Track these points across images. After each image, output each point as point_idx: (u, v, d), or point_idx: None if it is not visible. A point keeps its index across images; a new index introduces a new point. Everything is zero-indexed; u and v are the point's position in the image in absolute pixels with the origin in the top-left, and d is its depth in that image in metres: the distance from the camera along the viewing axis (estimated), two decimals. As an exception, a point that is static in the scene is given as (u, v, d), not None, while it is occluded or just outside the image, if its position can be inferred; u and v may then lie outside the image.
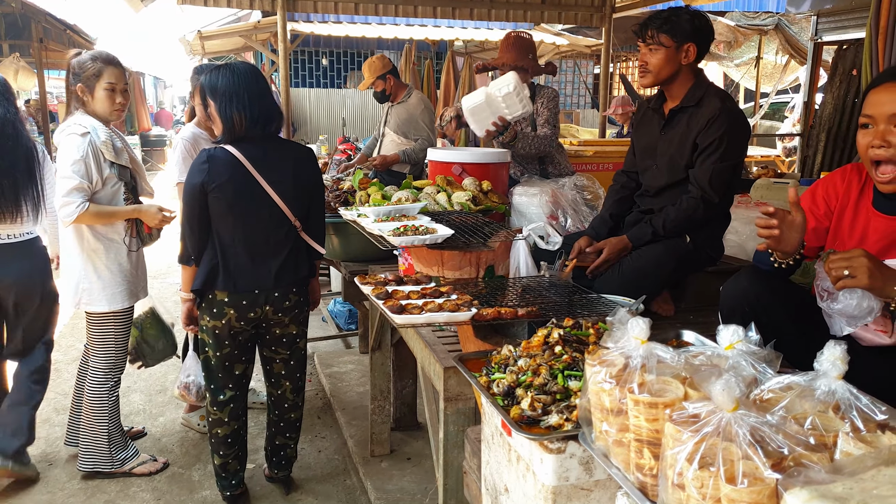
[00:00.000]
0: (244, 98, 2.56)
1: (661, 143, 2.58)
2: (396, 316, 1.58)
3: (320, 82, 12.99)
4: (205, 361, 2.87)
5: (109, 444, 3.20)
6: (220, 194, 2.60)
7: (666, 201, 2.55)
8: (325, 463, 3.49)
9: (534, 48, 3.73)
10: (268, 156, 2.63)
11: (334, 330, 5.26)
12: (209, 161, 2.58)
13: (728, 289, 1.96)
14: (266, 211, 2.64)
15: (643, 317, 1.84)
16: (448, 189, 2.93)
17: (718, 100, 2.43)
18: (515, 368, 1.41)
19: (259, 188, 2.62)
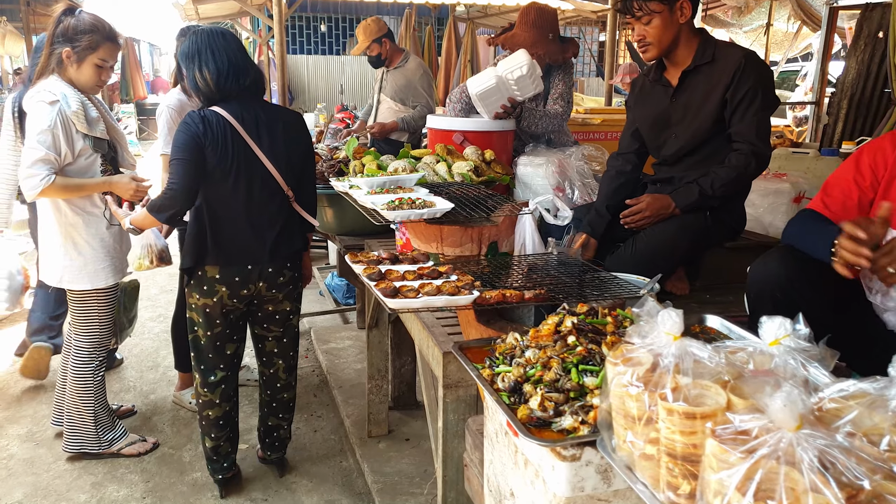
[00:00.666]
0: (206, 55, 2.40)
1: (675, 110, 2.41)
2: (390, 300, 1.42)
3: (318, 49, 12.67)
4: (194, 342, 2.72)
5: (96, 424, 3.07)
6: (214, 158, 2.42)
7: (687, 168, 2.39)
8: (320, 443, 3.37)
9: (556, 24, 3.30)
10: (258, 120, 2.46)
11: (332, 304, 5.11)
12: (204, 121, 2.40)
13: (757, 271, 1.79)
14: (260, 179, 2.48)
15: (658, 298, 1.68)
16: (448, 159, 2.74)
17: (737, 49, 2.28)
18: (523, 360, 1.25)
19: (252, 154, 2.45)
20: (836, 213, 1.71)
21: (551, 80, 3.33)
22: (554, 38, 3.23)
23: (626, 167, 2.57)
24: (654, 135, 2.48)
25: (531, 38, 3.14)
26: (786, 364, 0.96)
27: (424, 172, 2.25)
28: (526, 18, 3.23)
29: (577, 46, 3.35)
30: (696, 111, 2.32)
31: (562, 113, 3.27)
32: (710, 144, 2.34)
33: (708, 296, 2.36)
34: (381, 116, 5.03)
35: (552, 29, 3.23)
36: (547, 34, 3.20)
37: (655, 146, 2.50)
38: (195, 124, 2.38)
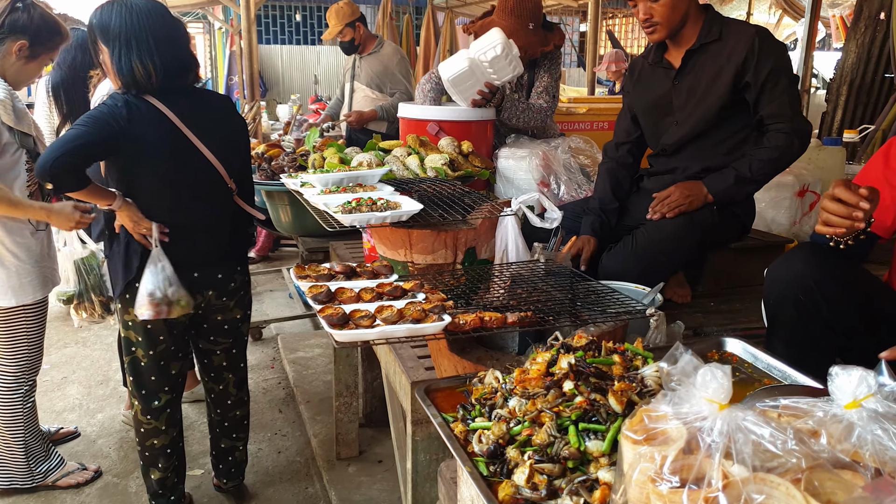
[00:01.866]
0: (149, 43, 2.02)
1: (678, 93, 2.15)
2: (336, 331, 1.12)
3: (293, 38, 12.25)
4: (132, 365, 2.37)
5: (27, 456, 2.73)
6: (140, 154, 2.10)
7: (690, 158, 2.15)
8: (284, 466, 3.06)
9: (539, 13, 2.96)
10: (195, 109, 2.13)
11: (301, 308, 4.79)
12: (127, 109, 2.03)
13: (776, 273, 1.53)
14: (205, 176, 2.17)
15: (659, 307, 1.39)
16: (421, 151, 2.44)
17: (747, 27, 2.06)
18: (505, 413, 0.96)
19: (191, 147, 2.13)
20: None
21: (536, 72, 3.02)
22: (535, 28, 2.90)
23: (628, 158, 2.32)
24: (654, 122, 2.23)
25: (509, 27, 2.81)
26: (873, 437, 0.68)
27: (389, 167, 1.95)
28: (504, 5, 2.90)
29: (563, 36, 3.04)
30: (702, 94, 2.07)
31: (546, 108, 2.96)
32: (716, 132, 2.09)
33: (712, 303, 2.09)
34: (357, 105, 4.71)
35: (533, 18, 2.90)
36: (527, 24, 2.87)
37: (654, 134, 2.24)
38: (114, 117, 2.02)
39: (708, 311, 2.03)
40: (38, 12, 2.51)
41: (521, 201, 1.65)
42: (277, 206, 2.99)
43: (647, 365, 0.97)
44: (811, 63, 5.96)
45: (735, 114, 2.07)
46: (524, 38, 2.85)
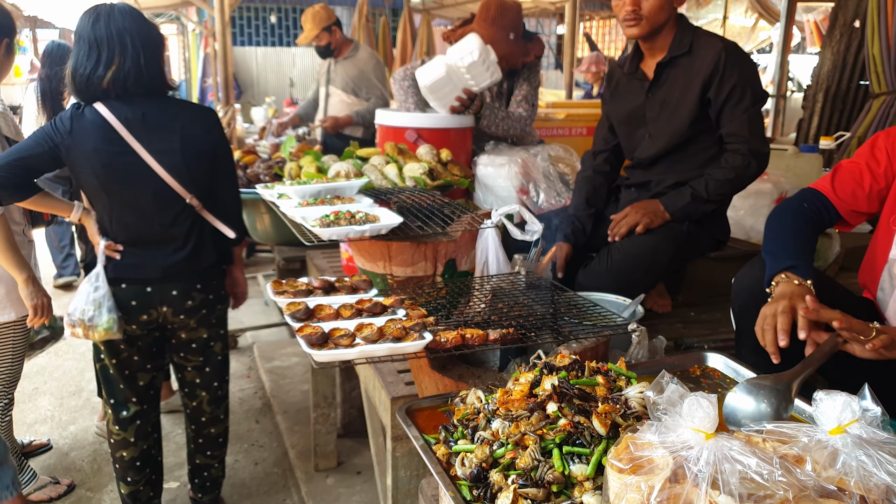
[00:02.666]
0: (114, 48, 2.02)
1: (651, 106, 2.14)
2: (315, 351, 1.09)
3: (268, 40, 12.14)
4: (102, 371, 2.35)
5: None
6: (85, 166, 2.08)
7: (663, 172, 2.13)
8: (261, 478, 3.02)
9: (519, 23, 2.91)
10: (147, 119, 2.08)
11: (277, 316, 4.73)
12: (72, 121, 2.06)
13: (741, 281, 1.54)
14: (149, 188, 2.11)
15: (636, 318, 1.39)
16: (399, 159, 2.42)
17: (715, 40, 2.03)
18: (488, 435, 0.95)
19: (137, 159, 2.08)
20: (844, 200, 1.53)
21: (515, 81, 3.01)
22: (516, 38, 2.88)
23: (605, 167, 2.31)
24: (628, 133, 2.22)
25: (489, 36, 2.79)
26: (857, 463, 0.68)
27: (367, 178, 1.92)
28: (486, 14, 2.88)
29: (543, 46, 3.03)
30: (674, 109, 2.06)
31: (525, 117, 2.95)
32: (689, 146, 2.08)
33: (692, 313, 2.10)
34: (333, 109, 4.67)
35: (514, 28, 2.88)
36: (507, 34, 2.85)
37: (629, 146, 2.24)
38: (63, 122, 2.08)
39: (688, 321, 2.04)
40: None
41: (502, 213, 1.64)
42: (253, 215, 2.95)
43: (630, 385, 0.96)
44: (787, 67, 6.04)
45: (707, 129, 2.06)
46: (505, 47, 2.83)
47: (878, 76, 3.11)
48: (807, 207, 1.49)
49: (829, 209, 1.52)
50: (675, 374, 1.24)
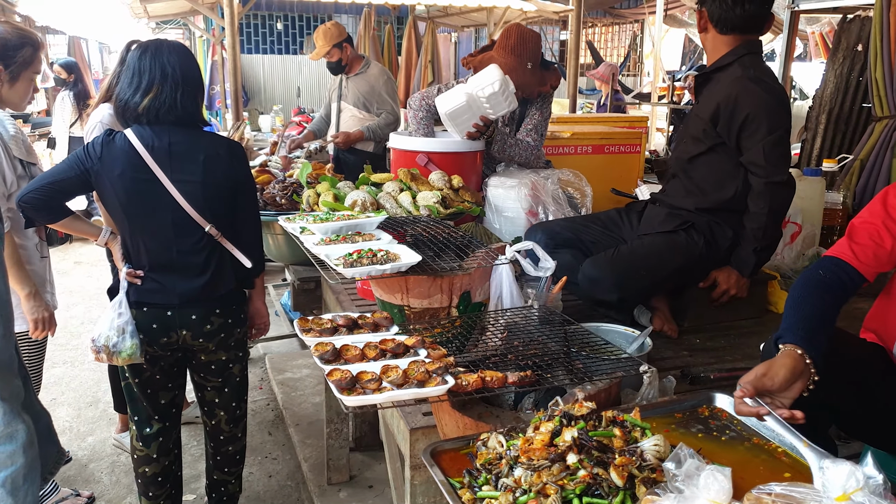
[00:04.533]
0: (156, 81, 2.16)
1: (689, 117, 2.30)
2: (346, 397, 1.17)
3: (274, 48, 12.23)
4: (127, 389, 2.44)
5: None
6: (110, 191, 2.19)
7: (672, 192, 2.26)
8: (275, 491, 3.09)
9: (538, 52, 2.96)
10: (173, 148, 2.18)
11: (288, 327, 4.80)
12: (102, 147, 2.18)
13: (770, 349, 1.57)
14: (169, 215, 2.20)
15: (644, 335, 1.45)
16: (413, 186, 2.49)
17: (740, 68, 2.11)
18: (511, 482, 1.01)
19: (159, 187, 2.17)
20: (866, 264, 1.49)
21: (528, 109, 3.08)
22: (533, 68, 2.93)
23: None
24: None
25: (507, 65, 2.85)
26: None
27: (386, 215, 1.99)
28: (505, 42, 2.94)
29: (559, 77, 3.09)
30: (694, 117, 2.20)
31: (533, 146, 3.02)
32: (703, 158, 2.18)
33: (697, 340, 2.16)
34: (345, 125, 4.76)
35: (532, 58, 2.94)
36: (525, 63, 2.91)
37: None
38: (94, 147, 2.19)
39: (694, 348, 2.10)
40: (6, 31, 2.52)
41: (516, 249, 1.71)
42: (268, 235, 3.02)
43: (645, 437, 1.03)
44: (790, 77, 6.10)
45: (716, 147, 2.14)
46: (522, 76, 2.89)
47: (880, 100, 3.17)
48: (822, 275, 1.47)
49: (850, 274, 1.48)
50: (683, 413, 1.31)
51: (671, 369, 1.86)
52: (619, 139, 4.04)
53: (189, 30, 13.16)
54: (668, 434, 1.10)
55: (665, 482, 0.94)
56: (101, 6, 10.24)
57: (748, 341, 2.15)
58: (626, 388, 1.45)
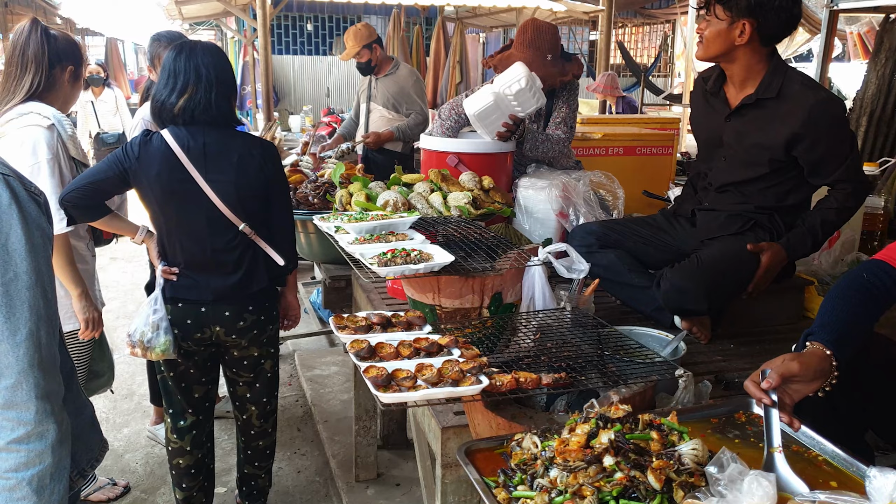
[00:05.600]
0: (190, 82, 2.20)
1: (728, 132, 2.20)
2: (382, 394, 1.18)
3: (304, 49, 12.36)
4: (162, 382, 2.51)
5: None
6: (147, 190, 2.24)
7: (732, 201, 2.20)
8: (304, 487, 3.13)
9: (556, 44, 2.98)
10: (207, 148, 2.22)
11: (317, 324, 4.86)
12: (140, 147, 2.22)
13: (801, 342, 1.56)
14: (203, 214, 2.24)
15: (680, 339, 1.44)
16: (443, 187, 2.50)
17: (808, 94, 2.04)
18: (546, 482, 1.02)
19: (194, 186, 2.22)
20: None
21: (554, 103, 3.08)
22: (553, 59, 2.95)
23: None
24: (707, 151, 2.33)
25: (527, 59, 2.87)
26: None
27: (418, 215, 2.01)
28: (522, 38, 2.97)
29: (581, 66, 3.09)
30: (751, 145, 2.13)
31: (564, 139, 3.02)
32: (763, 181, 2.15)
33: (732, 345, 2.14)
34: (374, 125, 4.80)
35: (551, 49, 2.96)
36: (545, 55, 2.92)
37: (707, 161, 2.34)
38: (133, 147, 2.24)
39: (728, 353, 2.07)
40: (61, 34, 2.59)
41: (549, 251, 1.71)
42: (300, 234, 3.06)
43: (683, 441, 1.02)
44: (827, 79, 5.98)
45: (784, 168, 2.11)
46: (542, 69, 2.90)
47: (922, 102, 3.10)
48: (865, 278, 1.44)
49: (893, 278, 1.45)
50: (720, 419, 1.30)
51: (705, 374, 1.84)
52: (650, 141, 4.01)
53: (221, 31, 13.36)
54: (704, 439, 1.10)
55: (703, 487, 0.94)
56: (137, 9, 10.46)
57: (783, 347, 2.10)
58: (660, 392, 1.44)
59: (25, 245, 1.07)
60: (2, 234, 1.06)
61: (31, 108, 2.44)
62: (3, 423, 1.05)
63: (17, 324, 1.05)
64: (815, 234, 2.10)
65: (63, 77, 2.52)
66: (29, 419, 1.05)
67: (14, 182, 1.10)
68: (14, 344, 1.05)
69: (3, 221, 1.06)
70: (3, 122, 2.44)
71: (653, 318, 2.16)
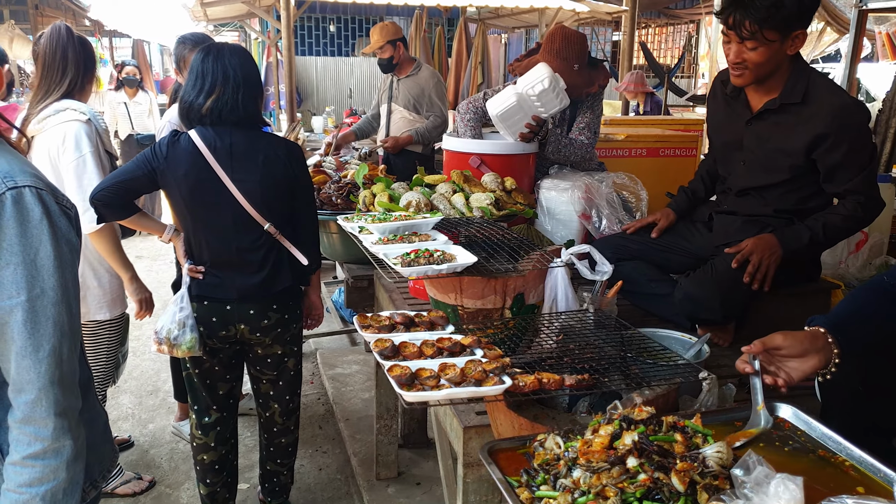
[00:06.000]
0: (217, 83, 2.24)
1: (749, 136, 2.18)
2: (405, 392, 1.20)
3: (327, 50, 12.46)
4: (188, 379, 2.55)
5: None
6: (174, 189, 2.28)
7: (752, 205, 2.17)
8: (325, 484, 3.16)
9: (584, 53, 2.95)
10: (234, 148, 2.26)
11: (338, 323, 4.89)
12: (168, 147, 2.26)
13: None
14: (229, 213, 2.28)
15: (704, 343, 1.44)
16: (466, 188, 2.51)
17: (831, 98, 2.01)
18: (569, 483, 1.02)
19: (220, 185, 2.25)
20: None
21: (578, 108, 3.06)
22: (580, 69, 2.92)
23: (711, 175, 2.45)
24: (725, 155, 2.30)
25: (554, 68, 2.85)
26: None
27: (441, 216, 2.02)
28: (550, 47, 2.94)
29: (608, 75, 3.06)
30: (773, 150, 2.10)
31: (587, 144, 3.01)
32: (785, 185, 2.13)
33: (754, 348, 2.11)
34: (395, 126, 4.82)
35: (578, 59, 2.92)
36: (572, 65, 2.89)
37: (724, 168, 2.32)
38: (161, 147, 2.27)
39: (750, 356, 2.05)
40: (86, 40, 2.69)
41: (572, 252, 1.71)
42: (323, 234, 3.09)
43: (707, 444, 1.02)
44: (856, 79, 5.87)
45: (805, 173, 2.08)
46: (569, 78, 2.87)
47: (952, 102, 3.04)
48: (886, 280, 1.44)
49: None
50: (744, 422, 1.30)
51: (728, 377, 1.82)
52: (674, 142, 3.98)
53: (245, 32, 13.51)
54: (728, 442, 1.09)
55: (727, 490, 0.94)
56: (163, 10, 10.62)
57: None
58: (683, 394, 1.43)
59: (54, 261, 1.07)
60: (31, 250, 1.06)
61: (66, 105, 2.52)
62: (20, 437, 1.06)
63: (41, 340, 1.06)
64: (815, 232, 2.04)
65: (88, 78, 2.61)
66: (46, 435, 1.06)
67: (47, 196, 1.10)
68: (37, 360, 1.06)
69: (34, 237, 1.06)
70: (41, 119, 2.51)
71: (676, 322, 2.15)
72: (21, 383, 1.06)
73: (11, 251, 1.04)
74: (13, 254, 1.04)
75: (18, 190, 1.06)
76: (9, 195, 1.05)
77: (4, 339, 1.06)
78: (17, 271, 1.04)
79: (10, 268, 1.04)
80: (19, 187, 1.06)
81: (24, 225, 1.05)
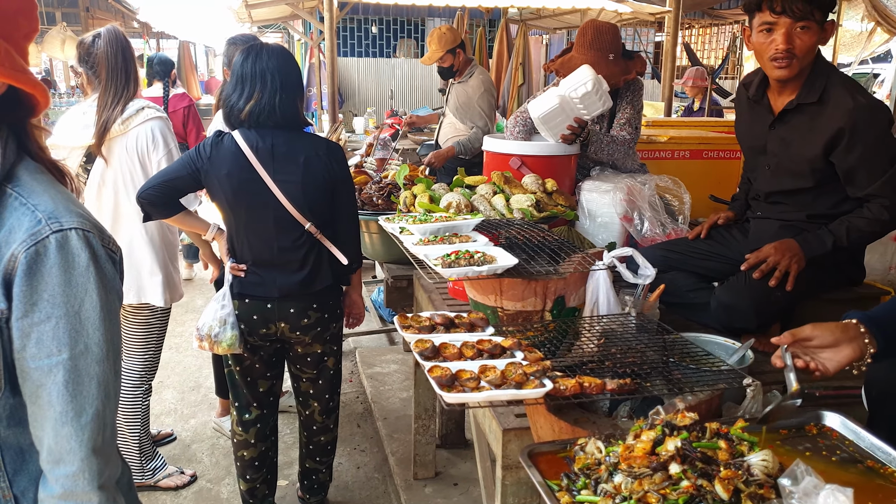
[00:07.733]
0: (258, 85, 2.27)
1: (772, 140, 2.15)
2: (445, 394, 1.20)
3: (369, 51, 12.58)
4: (230, 376, 2.60)
5: (140, 453, 2.98)
6: (218, 189, 2.32)
7: (783, 210, 2.14)
8: (363, 482, 3.19)
9: (617, 43, 2.96)
10: (275, 149, 2.29)
11: (377, 322, 4.94)
12: (212, 147, 2.31)
13: (879, 370, 1.50)
14: (271, 213, 2.32)
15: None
16: (506, 189, 2.51)
17: (847, 96, 1.96)
18: (610, 488, 1.02)
19: (262, 186, 2.29)
20: None
21: (618, 104, 3.04)
22: (616, 59, 2.91)
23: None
24: (751, 159, 2.29)
25: (589, 60, 2.84)
26: None
27: (482, 217, 2.03)
28: (583, 40, 2.94)
29: (644, 63, 3.04)
30: (795, 154, 2.07)
31: (629, 140, 2.99)
32: (812, 191, 2.09)
33: (799, 357, 2.06)
34: (443, 132, 4.79)
35: (612, 49, 2.92)
36: (607, 55, 2.89)
37: (752, 170, 2.30)
38: (206, 147, 2.32)
39: (796, 363, 2.00)
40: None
41: (615, 255, 1.70)
42: (364, 234, 3.13)
43: (752, 452, 1.01)
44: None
45: (831, 176, 2.04)
46: (605, 69, 2.87)
47: None
48: None
49: None
50: (790, 430, 1.27)
51: (772, 384, 1.79)
52: (717, 144, 3.91)
53: (288, 33, 13.74)
54: (773, 450, 1.07)
55: (773, 499, 0.92)
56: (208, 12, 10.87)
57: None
58: (727, 401, 1.41)
59: (100, 312, 0.96)
60: (76, 300, 0.94)
61: (142, 104, 2.64)
62: None
63: (84, 404, 0.95)
64: (839, 235, 2.00)
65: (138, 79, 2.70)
66: None
67: (94, 238, 0.97)
68: (79, 427, 0.94)
69: (79, 286, 0.94)
70: (125, 118, 2.60)
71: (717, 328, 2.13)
72: (60, 453, 0.95)
73: (53, 303, 0.92)
74: (55, 305, 0.92)
75: (64, 233, 0.93)
76: (52, 239, 0.92)
77: (40, 404, 0.94)
78: (58, 325, 0.93)
79: (51, 321, 0.92)
80: (65, 230, 0.94)
81: (68, 273, 0.93)
